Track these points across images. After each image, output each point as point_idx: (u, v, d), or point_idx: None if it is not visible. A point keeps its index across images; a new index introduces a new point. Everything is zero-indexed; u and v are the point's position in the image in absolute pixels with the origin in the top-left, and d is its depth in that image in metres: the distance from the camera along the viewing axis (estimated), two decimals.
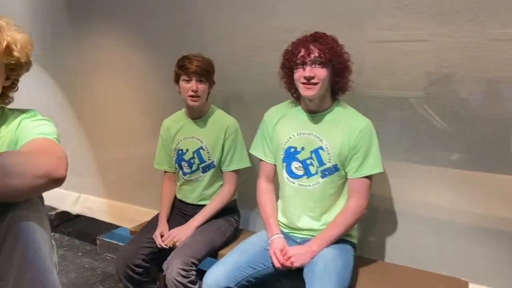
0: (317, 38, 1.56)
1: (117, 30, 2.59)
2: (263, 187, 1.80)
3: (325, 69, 1.55)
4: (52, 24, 2.90)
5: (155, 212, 2.16)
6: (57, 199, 3.09)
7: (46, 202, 1.14)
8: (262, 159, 1.80)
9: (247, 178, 2.10)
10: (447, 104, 1.64)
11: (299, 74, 1.57)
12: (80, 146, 2.94)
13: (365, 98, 1.77)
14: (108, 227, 3.01)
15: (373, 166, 1.61)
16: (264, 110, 1.81)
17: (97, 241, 2.94)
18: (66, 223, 3.48)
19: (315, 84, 1.55)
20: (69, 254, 2.96)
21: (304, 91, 1.58)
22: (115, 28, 2.60)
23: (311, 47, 1.54)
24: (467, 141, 1.63)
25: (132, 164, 2.75)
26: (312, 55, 1.54)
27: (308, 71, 1.55)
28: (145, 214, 2.40)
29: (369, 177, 1.63)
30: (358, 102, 1.72)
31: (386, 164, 1.70)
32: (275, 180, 1.82)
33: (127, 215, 2.75)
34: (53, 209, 3.30)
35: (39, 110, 1.26)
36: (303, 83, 1.56)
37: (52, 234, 3.26)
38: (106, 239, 2.91)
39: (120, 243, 2.78)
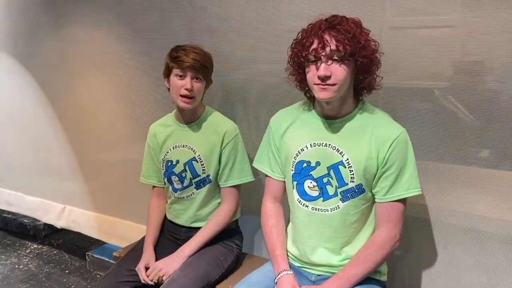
0: (334, 25, 1.20)
1: (99, 20, 2.38)
2: (269, 210, 1.48)
3: (344, 66, 1.21)
4: (26, 13, 2.69)
5: None
6: (40, 210, 2.92)
7: (29, 213, 0.88)
8: (269, 175, 1.48)
9: (252, 188, 1.83)
10: (475, 96, 1.48)
11: (312, 74, 1.23)
12: (63, 150, 2.75)
13: (384, 89, 1.56)
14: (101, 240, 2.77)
15: (408, 186, 1.29)
16: (272, 112, 1.52)
17: (87, 257, 2.69)
18: (56, 234, 3.26)
19: (333, 85, 1.21)
20: (56, 271, 2.74)
21: (319, 93, 1.24)
22: (96, 17, 2.39)
23: (327, 37, 1.19)
24: (499, 137, 1.46)
25: (120, 172, 2.54)
26: (327, 48, 1.19)
27: (323, 69, 1.20)
28: (138, 231, 2.18)
29: (403, 201, 1.31)
30: (377, 95, 1.51)
31: None
32: (284, 201, 1.50)
33: (117, 231, 2.55)
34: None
35: (15, 109, 0.97)
36: (317, 84, 1.22)
37: (40, 246, 3.08)
38: (96, 256, 2.66)
39: (112, 261, 2.53)
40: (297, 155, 1.36)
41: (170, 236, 1.78)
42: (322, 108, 1.34)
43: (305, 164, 1.35)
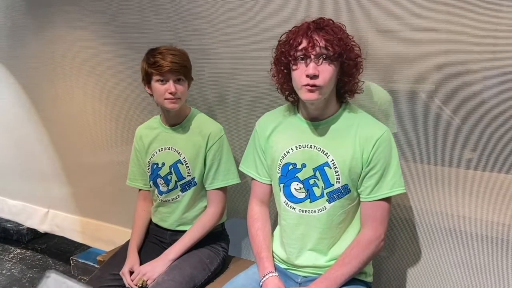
0: (323, 26, 1.22)
1: (83, 21, 2.33)
2: (255, 213, 1.48)
3: (332, 66, 1.22)
4: (8, 14, 2.63)
5: None
6: (24, 214, 2.85)
7: (12, 217, 0.85)
8: (255, 178, 1.47)
9: (239, 191, 1.82)
10: (460, 98, 1.47)
11: (300, 72, 1.23)
12: (46, 153, 2.70)
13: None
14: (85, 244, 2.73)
15: (393, 185, 1.29)
16: (259, 114, 1.52)
17: (71, 262, 2.65)
18: (40, 238, 3.20)
19: (319, 86, 1.21)
20: (39, 276, 2.69)
21: (305, 94, 1.24)
22: (81, 19, 2.34)
23: (316, 37, 1.20)
24: (484, 139, 1.46)
25: (105, 175, 2.50)
26: (317, 48, 1.20)
27: (312, 67, 1.20)
28: (123, 235, 2.17)
29: (387, 200, 1.31)
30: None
31: None
32: (270, 203, 1.50)
33: (102, 235, 2.51)
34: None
35: None
36: (305, 85, 1.22)
37: (24, 251, 3.02)
38: (81, 260, 2.62)
39: (97, 266, 2.48)
40: (283, 158, 1.36)
41: (155, 239, 1.76)
42: (306, 110, 1.34)
43: (291, 166, 1.34)
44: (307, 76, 1.20)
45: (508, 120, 1.39)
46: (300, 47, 1.21)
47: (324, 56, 1.20)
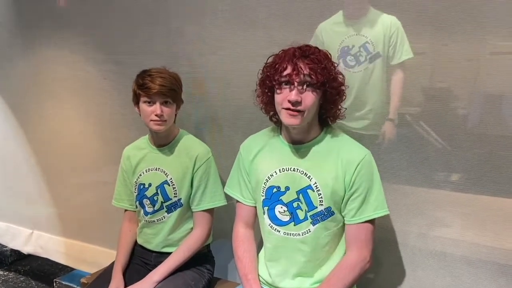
0: (308, 54, 1.24)
1: (72, 42, 2.35)
2: (241, 235, 1.48)
3: (315, 93, 1.25)
4: None
5: None
6: (8, 235, 2.80)
7: None
8: (239, 200, 1.48)
9: (225, 212, 1.79)
10: (444, 121, 1.51)
11: (282, 97, 1.25)
12: (32, 173, 2.67)
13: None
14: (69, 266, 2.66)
15: (376, 207, 1.31)
16: (248, 136, 1.53)
17: (55, 284, 2.58)
18: (23, 260, 3.14)
19: (301, 112, 1.24)
20: None
21: (287, 119, 1.26)
22: (69, 39, 2.35)
23: (300, 64, 1.23)
24: (467, 161, 1.49)
25: (91, 196, 2.47)
26: (301, 75, 1.22)
27: (294, 94, 1.23)
28: (107, 256, 2.12)
29: (371, 222, 1.32)
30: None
31: None
32: (255, 226, 1.50)
33: (86, 257, 2.46)
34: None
35: None
36: (286, 109, 1.24)
37: (6, 273, 2.95)
38: (64, 282, 2.56)
39: None
40: (267, 181, 1.37)
41: (140, 261, 1.74)
42: (289, 133, 1.36)
43: (275, 189, 1.35)
44: (289, 101, 1.23)
45: (491, 143, 1.42)
46: (284, 73, 1.24)
47: (307, 83, 1.23)
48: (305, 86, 1.23)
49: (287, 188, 1.33)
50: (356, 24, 1.64)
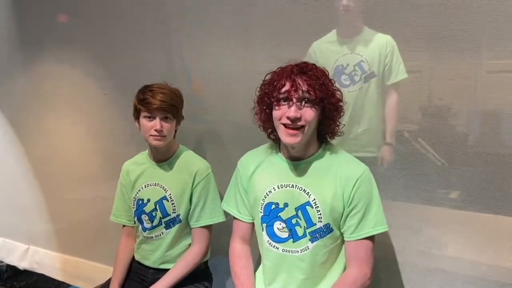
0: (306, 71, 1.26)
1: (73, 57, 2.37)
2: (238, 251, 1.47)
3: (314, 110, 1.26)
4: None
5: None
6: (4, 250, 2.80)
7: None
8: (236, 216, 1.48)
9: (223, 229, 1.75)
10: (443, 138, 1.52)
11: (281, 113, 1.26)
12: (30, 188, 2.68)
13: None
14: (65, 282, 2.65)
15: (375, 224, 1.30)
16: (246, 152, 1.53)
17: None
18: (19, 275, 3.09)
19: (301, 128, 1.25)
20: None
21: (286, 138, 1.27)
22: (70, 55, 2.38)
23: (299, 80, 1.24)
24: (466, 179, 1.49)
25: (89, 212, 2.48)
26: (299, 91, 1.24)
27: (293, 110, 1.24)
28: (104, 272, 2.08)
29: (371, 239, 1.32)
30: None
31: None
32: (252, 242, 1.49)
33: (83, 272, 2.46)
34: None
35: None
36: (285, 125, 1.25)
37: None
38: None
39: None
40: (265, 197, 1.37)
41: (137, 277, 1.73)
42: (287, 150, 1.36)
43: (273, 206, 1.35)
44: (288, 118, 1.24)
45: (491, 160, 1.43)
46: (283, 90, 1.25)
47: (306, 99, 1.24)
48: (303, 103, 1.24)
49: (286, 205, 1.33)
50: (350, 42, 1.64)
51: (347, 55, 1.64)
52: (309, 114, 1.25)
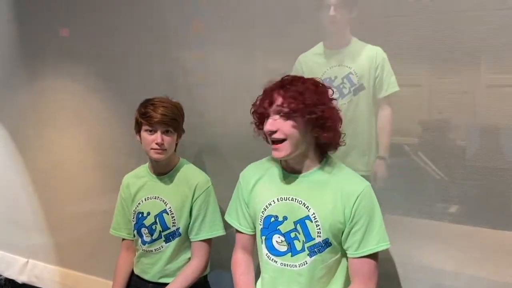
0: (285, 84, 1.28)
1: (74, 71, 2.39)
2: (239, 259, 1.48)
3: (292, 122, 1.26)
4: (1, 65, 2.70)
5: None
6: (3, 263, 2.80)
7: None
8: (237, 228, 1.48)
9: (223, 242, 1.76)
10: (442, 152, 1.52)
11: (265, 128, 1.30)
12: (29, 201, 2.67)
13: None
14: None
15: (378, 240, 1.29)
16: (247, 165, 1.53)
17: None
18: None
19: (282, 141, 1.27)
20: None
21: (272, 152, 1.31)
22: (71, 69, 2.40)
23: (275, 94, 1.27)
24: (466, 193, 1.49)
25: (88, 225, 2.46)
26: (273, 105, 1.27)
27: (268, 124, 1.28)
28: (103, 286, 2.14)
29: (374, 255, 1.31)
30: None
31: None
32: (254, 253, 1.49)
33: (82, 286, 2.44)
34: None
35: None
36: (270, 141, 1.30)
37: None
38: None
39: None
40: (264, 210, 1.37)
41: None
42: (287, 163, 1.37)
43: (272, 219, 1.35)
44: (266, 132, 1.28)
45: (490, 174, 1.42)
46: (262, 106, 1.29)
47: (280, 112, 1.26)
48: (278, 116, 1.26)
49: (285, 218, 1.33)
50: (337, 54, 1.62)
51: (335, 68, 1.62)
52: (287, 126, 1.25)
